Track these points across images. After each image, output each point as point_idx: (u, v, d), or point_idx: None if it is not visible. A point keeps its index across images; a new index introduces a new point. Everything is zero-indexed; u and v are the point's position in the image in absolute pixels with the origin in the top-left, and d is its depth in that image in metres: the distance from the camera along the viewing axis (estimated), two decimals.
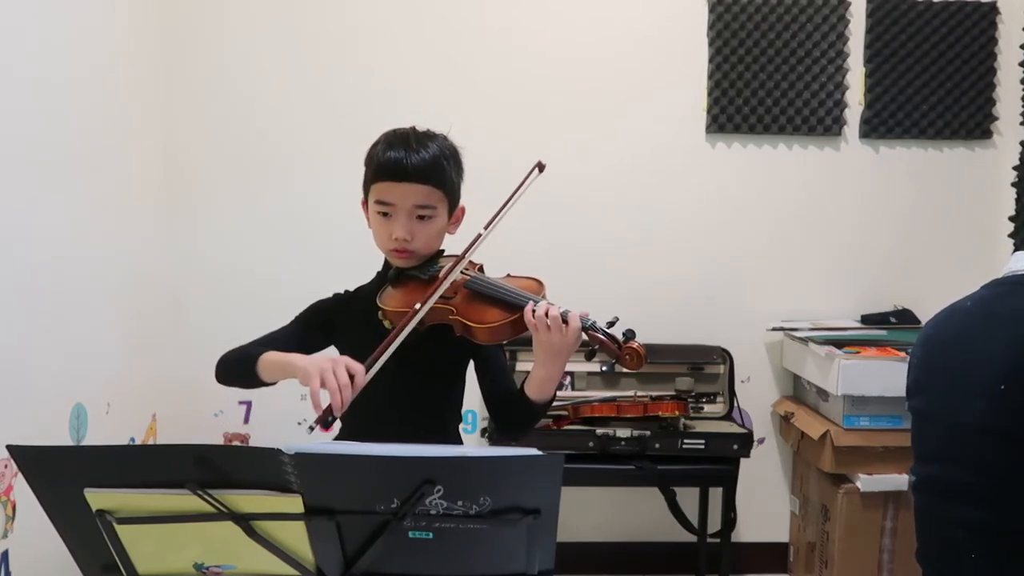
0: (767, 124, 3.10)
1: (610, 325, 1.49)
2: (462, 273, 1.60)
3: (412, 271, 1.64)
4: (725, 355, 3.02)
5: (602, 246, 3.11)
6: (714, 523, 2.95)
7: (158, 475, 1.13)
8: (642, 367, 1.47)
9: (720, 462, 2.74)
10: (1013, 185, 3.08)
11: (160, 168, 2.93)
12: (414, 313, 1.50)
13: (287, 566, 1.18)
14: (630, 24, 3.07)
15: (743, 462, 2.75)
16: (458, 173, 1.67)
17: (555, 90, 3.06)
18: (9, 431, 1.87)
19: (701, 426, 2.82)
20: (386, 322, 1.57)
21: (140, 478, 1.13)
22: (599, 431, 2.71)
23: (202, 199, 3.03)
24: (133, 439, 2.75)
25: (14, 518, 2.01)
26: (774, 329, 3.09)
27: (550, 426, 2.75)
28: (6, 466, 1.98)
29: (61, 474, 1.14)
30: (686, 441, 2.71)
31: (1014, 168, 3.07)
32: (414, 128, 1.65)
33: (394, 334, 1.48)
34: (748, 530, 3.21)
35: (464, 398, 1.74)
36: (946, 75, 3.12)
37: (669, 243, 3.14)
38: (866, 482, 2.74)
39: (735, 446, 2.72)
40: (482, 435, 2.95)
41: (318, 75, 3.03)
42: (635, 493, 3.13)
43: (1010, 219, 3.10)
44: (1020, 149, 3.07)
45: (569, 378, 2.98)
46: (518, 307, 1.51)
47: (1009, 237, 3.10)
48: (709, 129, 3.11)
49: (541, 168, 1.63)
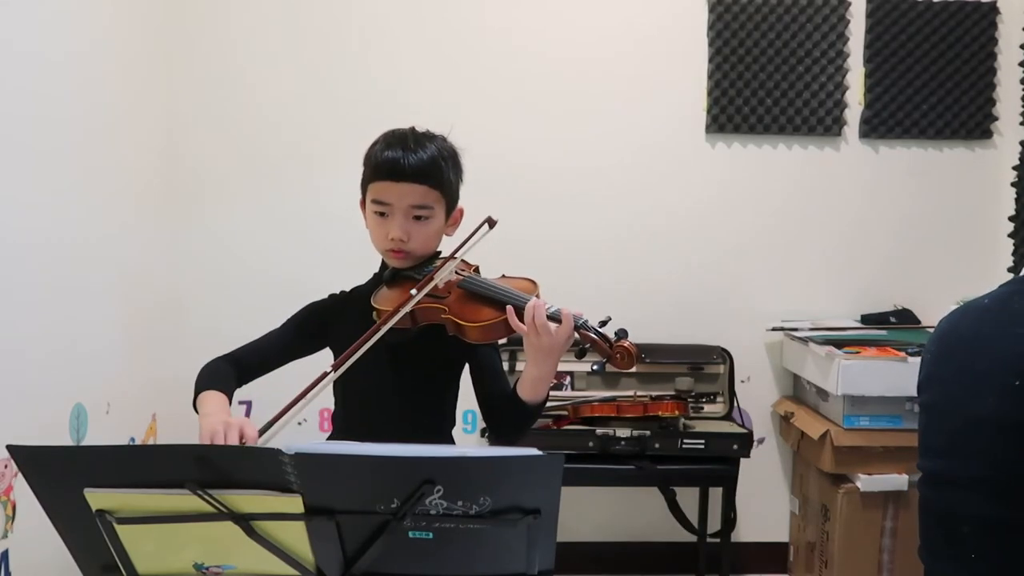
0: (767, 124, 3.10)
1: (602, 324, 1.49)
2: (456, 273, 1.60)
3: (408, 272, 1.63)
4: (725, 355, 3.02)
5: (602, 246, 3.11)
6: (714, 523, 2.95)
7: (158, 475, 1.13)
8: (633, 367, 1.47)
9: (720, 462, 2.74)
10: (1013, 185, 3.08)
11: (161, 167, 2.93)
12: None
13: (287, 566, 1.18)
14: (630, 24, 3.07)
15: (743, 462, 2.75)
16: (457, 174, 1.66)
17: (555, 90, 3.06)
18: (9, 431, 1.86)
19: (701, 426, 2.83)
20: (383, 329, 1.56)
21: (140, 478, 1.13)
22: (599, 431, 2.71)
23: (203, 199, 3.03)
24: (133, 439, 2.75)
25: (14, 518, 2.00)
26: (774, 329, 3.09)
27: (550, 426, 2.75)
28: (6, 466, 1.98)
29: (61, 474, 1.14)
30: (686, 441, 2.72)
31: (1014, 168, 3.07)
32: (413, 128, 1.65)
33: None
34: (748, 530, 3.20)
35: (463, 400, 1.73)
36: (946, 75, 3.12)
37: (669, 243, 3.14)
38: (866, 482, 2.74)
39: (735, 446, 2.72)
40: (482, 435, 2.95)
41: (320, 75, 3.03)
42: (635, 493, 3.12)
43: (1010, 219, 3.10)
44: (1020, 149, 3.07)
45: (569, 378, 2.98)
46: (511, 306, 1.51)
47: (1009, 237, 3.10)
48: (709, 129, 3.11)
49: (491, 224, 1.62)
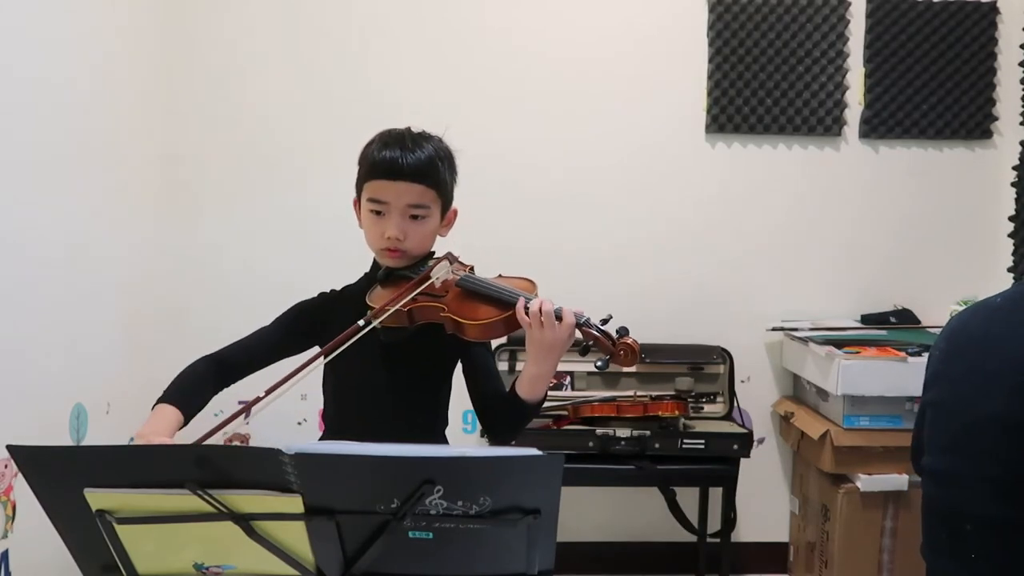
0: (767, 124, 3.10)
1: (604, 323, 1.50)
2: (453, 273, 1.60)
3: (403, 271, 1.64)
4: (725, 355, 3.01)
5: (602, 246, 3.11)
6: (714, 523, 2.95)
7: (158, 475, 1.13)
8: (636, 364, 1.48)
9: (720, 462, 2.74)
10: (1013, 185, 3.08)
11: (161, 168, 2.93)
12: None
13: (287, 566, 1.18)
14: (630, 24, 3.07)
15: (743, 462, 2.75)
16: (452, 175, 1.67)
17: (555, 90, 3.06)
18: (9, 431, 1.86)
19: (701, 426, 2.83)
20: (375, 321, 1.57)
21: (140, 478, 1.13)
22: (599, 431, 2.71)
23: (202, 199, 3.03)
24: (133, 439, 2.74)
25: (14, 518, 2.01)
26: (774, 329, 3.09)
27: (550, 426, 2.75)
28: (6, 466, 1.98)
29: (61, 474, 1.14)
30: (686, 441, 2.71)
31: (1014, 168, 3.07)
32: (409, 129, 1.65)
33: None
34: (748, 530, 3.20)
35: (464, 400, 1.73)
36: (946, 75, 3.12)
37: (669, 243, 3.14)
38: (866, 482, 2.74)
39: (735, 446, 2.72)
40: (482, 435, 2.94)
41: (320, 76, 3.03)
42: (635, 493, 3.12)
43: (1010, 219, 3.10)
44: (1020, 149, 3.07)
45: (569, 378, 2.98)
46: (510, 304, 1.51)
47: (1009, 237, 3.10)
48: (709, 129, 3.11)
49: (451, 260, 1.63)
